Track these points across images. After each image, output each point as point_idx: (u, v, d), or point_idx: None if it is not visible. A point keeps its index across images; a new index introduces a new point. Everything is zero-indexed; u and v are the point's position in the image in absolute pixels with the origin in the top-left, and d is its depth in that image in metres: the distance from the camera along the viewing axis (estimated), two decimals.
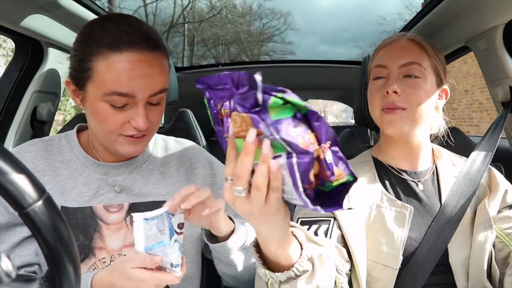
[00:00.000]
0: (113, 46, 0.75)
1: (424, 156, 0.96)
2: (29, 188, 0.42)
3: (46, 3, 1.13)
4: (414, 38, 0.92)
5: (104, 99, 0.77)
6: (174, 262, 0.68)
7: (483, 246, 0.85)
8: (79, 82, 0.80)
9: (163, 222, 0.67)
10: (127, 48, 0.75)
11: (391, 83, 0.88)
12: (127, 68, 0.75)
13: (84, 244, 0.85)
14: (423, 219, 0.91)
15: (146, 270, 0.66)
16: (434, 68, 0.91)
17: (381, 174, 0.96)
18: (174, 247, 0.67)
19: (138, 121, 0.78)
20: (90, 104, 0.80)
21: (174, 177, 0.94)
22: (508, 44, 1.10)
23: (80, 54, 0.79)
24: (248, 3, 12.06)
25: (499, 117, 1.11)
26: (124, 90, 0.75)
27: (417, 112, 0.88)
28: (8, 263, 0.41)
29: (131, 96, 0.76)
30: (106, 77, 0.75)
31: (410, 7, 10.33)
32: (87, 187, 0.87)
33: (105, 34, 0.76)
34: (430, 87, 0.90)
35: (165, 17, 11.28)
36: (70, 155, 0.90)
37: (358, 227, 0.86)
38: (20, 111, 1.32)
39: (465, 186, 0.92)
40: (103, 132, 0.81)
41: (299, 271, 0.60)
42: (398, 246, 0.85)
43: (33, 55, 1.34)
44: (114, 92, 0.75)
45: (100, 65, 0.75)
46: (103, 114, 0.78)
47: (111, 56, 0.75)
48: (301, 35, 15.15)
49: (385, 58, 0.92)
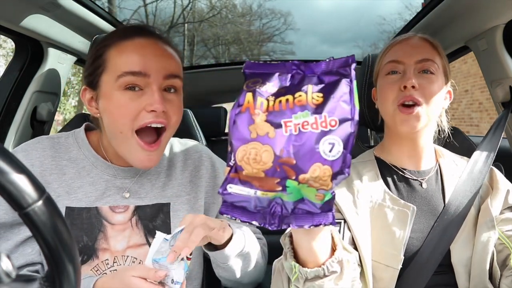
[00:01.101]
0: (124, 35, 0.79)
1: (428, 156, 0.96)
2: (29, 188, 0.42)
3: (46, 3, 1.13)
4: (427, 38, 0.95)
5: (118, 83, 0.77)
6: (176, 278, 0.67)
7: (485, 246, 0.85)
8: (93, 82, 0.81)
9: (175, 240, 0.68)
10: (138, 35, 0.79)
11: (409, 77, 0.88)
12: (138, 48, 0.78)
13: (87, 245, 0.84)
14: (426, 218, 0.91)
15: (145, 282, 0.66)
16: (444, 68, 0.93)
17: (384, 174, 0.96)
18: (179, 264, 0.68)
19: (154, 102, 0.76)
20: (104, 98, 0.80)
21: (179, 179, 0.95)
22: (508, 44, 1.10)
23: (93, 55, 0.81)
24: (248, 3, 12.05)
25: (500, 118, 1.11)
26: (136, 69, 0.76)
27: (431, 108, 0.89)
28: (8, 263, 0.40)
29: (144, 74, 0.77)
30: (118, 61, 0.77)
31: (410, 7, 10.32)
32: (94, 187, 0.87)
33: (115, 31, 0.83)
34: (441, 85, 0.92)
35: (165, 17, 11.28)
36: (77, 154, 0.89)
37: (365, 228, 0.86)
38: (20, 111, 1.32)
39: (468, 186, 0.92)
40: (118, 128, 0.79)
41: (328, 271, 0.61)
42: (399, 246, 0.85)
43: (33, 55, 1.34)
44: (127, 72, 0.76)
45: (112, 53, 0.79)
46: (118, 103, 0.77)
47: (122, 43, 0.78)
48: (301, 35, 15.14)
49: (400, 54, 0.93)
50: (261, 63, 0.53)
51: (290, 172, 0.49)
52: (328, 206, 0.52)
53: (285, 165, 0.48)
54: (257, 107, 0.50)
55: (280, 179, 0.49)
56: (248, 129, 0.49)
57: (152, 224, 0.89)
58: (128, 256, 0.86)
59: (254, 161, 0.49)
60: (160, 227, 0.88)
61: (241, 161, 0.49)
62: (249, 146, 0.49)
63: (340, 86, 0.50)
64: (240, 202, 0.52)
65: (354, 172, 0.96)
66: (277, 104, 0.50)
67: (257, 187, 0.50)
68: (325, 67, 0.52)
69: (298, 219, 0.52)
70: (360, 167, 0.97)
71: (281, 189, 0.50)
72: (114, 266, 0.85)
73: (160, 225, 0.89)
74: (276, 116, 0.49)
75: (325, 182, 0.48)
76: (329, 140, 0.48)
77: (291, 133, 0.48)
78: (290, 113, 0.49)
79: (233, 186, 0.51)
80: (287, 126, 0.49)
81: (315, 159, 0.48)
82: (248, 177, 0.50)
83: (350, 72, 0.51)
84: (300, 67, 0.52)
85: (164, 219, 0.90)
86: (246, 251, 0.86)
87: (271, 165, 0.48)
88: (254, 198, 0.51)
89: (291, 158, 0.48)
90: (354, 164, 1.00)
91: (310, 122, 0.48)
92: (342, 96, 0.49)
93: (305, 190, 0.50)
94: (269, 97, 0.50)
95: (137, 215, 0.88)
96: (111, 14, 1.46)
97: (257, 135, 0.49)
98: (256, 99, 0.50)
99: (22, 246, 0.83)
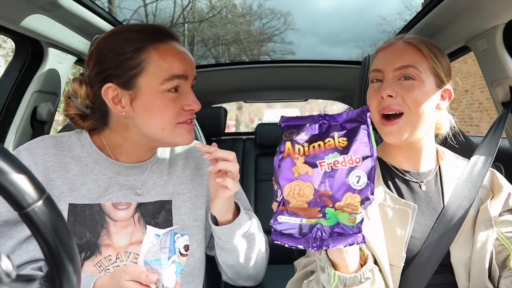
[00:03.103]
0: (159, 39, 0.83)
1: (428, 157, 0.96)
2: (29, 188, 0.42)
3: (46, 3, 1.13)
4: (411, 41, 0.92)
5: (164, 86, 0.82)
6: (165, 283, 0.67)
7: (484, 246, 0.86)
8: (127, 81, 0.82)
9: (166, 240, 0.68)
10: (170, 38, 0.86)
11: (385, 88, 0.88)
12: (177, 53, 0.85)
13: (90, 241, 0.85)
14: (426, 219, 0.91)
15: (139, 285, 0.67)
16: (432, 70, 0.90)
17: (384, 175, 0.96)
18: (170, 268, 0.68)
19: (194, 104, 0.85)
20: (144, 99, 0.82)
21: (180, 176, 0.96)
22: (508, 44, 1.10)
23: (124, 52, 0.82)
24: (248, 3, 12.05)
25: (500, 118, 1.10)
26: (180, 72, 0.83)
27: (415, 115, 0.88)
28: (8, 263, 0.41)
29: (185, 77, 0.85)
30: (162, 64, 0.82)
31: (410, 7, 10.31)
32: (97, 184, 0.88)
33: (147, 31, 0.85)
34: (428, 89, 0.89)
35: (165, 17, 11.27)
36: (80, 152, 0.90)
37: (377, 230, 0.86)
38: (20, 111, 1.32)
39: (467, 188, 0.92)
40: (161, 125, 0.84)
41: (364, 277, 0.71)
42: (401, 245, 0.85)
43: (33, 55, 1.34)
44: (173, 75, 0.82)
45: (153, 55, 0.82)
46: (162, 104, 0.82)
47: (160, 46, 0.83)
48: (301, 35, 15.13)
49: (381, 62, 0.93)
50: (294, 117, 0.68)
51: (328, 201, 0.62)
52: (358, 228, 0.64)
53: (323, 196, 0.62)
54: (295, 152, 0.64)
55: (320, 208, 0.62)
56: (291, 170, 0.63)
57: (154, 221, 0.90)
58: (131, 252, 0.87)
59: (298, 195, 0.62)
60: (162, 224, 0.90)
61: (288, 196, 0.62)
62: (293, 184, 0.62)
63: (360, 131, 0.64)
64: (288, 230, 0.65)
65: None
66: (311, 149, 0.64)
67: (302, 215, 0.63)
68: (346, 117, 0.66)
69: (335, 241, 0.64)
70: None
71: (321, 215, 0.63)
72: (116, 262, 0.86)
73: (162, 222, 0.90)
74: (312, 159, 0.63)
75: (355, 207, 0.61)
76: (356, 174, 0.62)
77: (325, 171, 0.62)
78: (323, 155, 0.63)
79: (283, 217, 0.64)
80: (321, 166, 0.62)
81: (346, 189, 0.61)
82: (294, 208, 0.63)
83: (366, 119, 0.65)
84: (326, 118, 0.67)
85: (166, 216, 0.91)
86: (251, 232, 0.89)
87: (312, 197, 0.62)
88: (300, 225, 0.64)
89: (327, 190, 0.61)
90: None
91: (340, 161, 0.62)
92: (362, 139, 0.64)
93: (341, 215, 0.63)
94: (304, 143, 0.65)
95: (139, 212, 0.89)
96: (111, 14, 1.46)
97: (299, 175, 0.62)
98: (294, 146, 0.64)
99: (26, 243, 0.83)
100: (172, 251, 0.68)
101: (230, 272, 0.95)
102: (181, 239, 0.70)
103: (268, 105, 24.10)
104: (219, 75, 2.33)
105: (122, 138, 0.89)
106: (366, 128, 0.65)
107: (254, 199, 2.51)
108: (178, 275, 0.69)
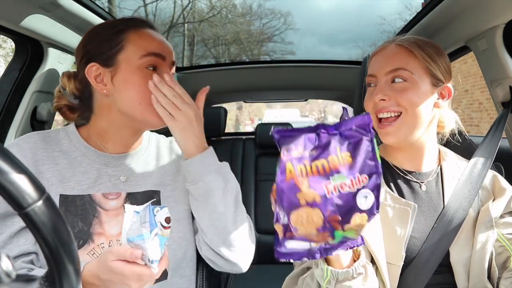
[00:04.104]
0: (138, 24, 0.92)
1: (429, 157, 0.96)
2: (29, 188, 0.42)
3: (46, 3, 1.13)
4: (402, 43, 0.92)
5: (140, 62, 0.88)
6: (151, 257, 0.68)
7: (484, 246, 0.86)
8: (108, 59, 0.89)
9: (146, 215, 0.69)
10: (149, 27, 0.93)
11: (377, 92, 0.90)
12: (155, 35, 0.92)
13: (83, 230, 0.87)
14: (426, 219, 0.91)
15: (126, 263, 0.68)
16: (426, 70, 0.90)
17: (386, 174, 0.96)
18: (153, 242, 0.68)
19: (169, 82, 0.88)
20: (123, 74, 0.88)
21: (166, 169, 1.00)
22: (508, 44, 1.10)
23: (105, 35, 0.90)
24: (248, 3, 12.04)
25: (499, 118, 1.10)
26: (158, 51, 0.89)
27: (412, 115, 0.88)
28: (8, 263, 0.41)
29: (162, 56, 0.90)
30: (140, 42, 0.89)
31: (410, 7, 10.31)
32: (86, 175, 0.91)
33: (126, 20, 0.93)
34: (423, 89, 0.89)
35: (165, 17, 11.26)
36: (69, 146, 0.93)
37: (375, 229, 0.87)
38: (20, 111, 1.32)
39: (467, 189, 0.92)
40: (136, 100, 0.88)
41: (356, 272, 0.72)
42: (400, 244, 0.86)
43: (33, 55, 1.34)
44: (150, 52, 0.88)
45: (132, 35, 0.89)
46: (140, 78, 0.87)
47: (140, 29, 0.91)
48: (301, 35, 15.14)
49: (374, 67, 0.94)
50: (288, 129, 0.63)
51: (337, 225, 0.60)
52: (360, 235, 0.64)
53: (332, 222, 0.60)
54: (298, 175, 0.59)
55: (330, 232, 0.61)
56: (296, 196, 0.59)
57: None
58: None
59: (307, 222, 0.59)
60: None
61: (296, 223, 0.59)
62: (301, 211, 0.59)
63: (363, 145, 0.61)
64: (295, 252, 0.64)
65: None
66: (314, 169, 0.59)
67: (311, 240, 0.62)
68: (345, 126, 0.63)
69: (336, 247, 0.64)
70: None
71: (331, 238, 0.62)
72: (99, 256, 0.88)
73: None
74: (317, 182, 0.59)
75: (363, 226, 0.61)
76: (364, 194, 0.60)
77: (332, 195, 0.59)
78: (328, 176, 0.59)
79: (290, 242, 0.62)
80: (328, 189, 0.59)
81: (355, 211, 0.60)
82: (303, 234, 0.61)
83: (369, 131, 0.62)
84: (323, 126, 0.63)
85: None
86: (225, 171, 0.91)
87: (322, 224, 0.60)
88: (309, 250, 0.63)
89: (336, 216, 0.59)
90: None
91: (347, 183, 0.59)
92: (367, 155, 0.61)
93: (348, 233, 0.62)
94: (305, 161, 0.60)
95: (129, 201, 0.92)
96: (111, 14, 1.46)
97: (305, 202, 0.59)
98: (296, 167, 0.59)
99: (16, 237, 0.84)
100: (154, 224, 0.68)
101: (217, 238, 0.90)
102: (161, 212, 0.70)
103: (268, 105, 24.12)
104: (219, 75, 2.33)
105: (106, 122, 0.93)
106: (370, 142, 0.62)
107: (254, 199, 2.50)
108: (162, 247, 0.69)
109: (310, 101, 18.68)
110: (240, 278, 2.13)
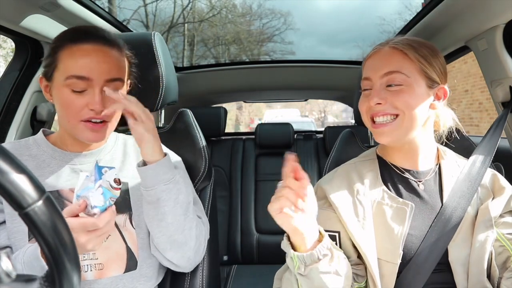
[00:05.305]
0: (73, 39, 0.90)
1: (425, 156, 0.96)
2: (29, 188, 0.42)
3: (46, 3, 1.13)
4: (396, 45, 0.91)
5: (65, 83, 0.88)
6: (93, 203, 0.72)
7: (483, 246, 0.86)
8: (47, 74, 0.92)
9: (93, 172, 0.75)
10: (85, 41, 0.89)
11: (372, 96, 0.90)
12: (84, 55, 0.89)
13: None
14: (424, 217, 0.91)
15: (76, 218, 0.72)
16: (421, 72, 0.89)
17: (383, 173, 0.96)
18: (97, 191, 0.73)
19: (94, 103, 0.88)
20: (55, 92, 0.91)
21: (133, 164, 1.03)
22: (508, 44, 1.10)
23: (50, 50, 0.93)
24: (248, 3, 12.02)
25: (499, 117, 1.10)
26: (81, 74, 0.87)
27: (409, 117, 0.88)
28: (8, 263, 0.41)
29: (87, 78, 0.88)
30: (67, 64, 0.88)
31: (410, 7, 10.29)
32: (54, 174, 0.94)
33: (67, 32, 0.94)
34: (418, 92, 0.89)
35: (165, 17, 11.24)
36: (37, 151, 0.97)
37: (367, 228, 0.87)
38: (20, 111, 1.32)
39: (465, 187, 0.92)
40: (66, 118, 0.91)
41: (321, 254, 0.75)
42: (398, 242, 0.86)
43: (33, 55, 1.34)
44: (73, 75, 0.87)
45: (63, 54, 0.89)
46: (66, 99, 0.89)
47: (73, 46, 0.89)
48: (301, 35, 15.13)
49: (368, 70, 0.93)
50: None
51: None
52: None
53: None
54: None
55: None
56: None
57: None
58: None
59: None
60: (120, 203, 0.94)
61: None
62: None
63: None
64: None
65: (354, 172, 0.97)
66: None
67: None
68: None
69: None
70: (360, 166, 0.98)
71: None
72: None
73: (119, 201, 0.93)
74: None
75: None
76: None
77: None
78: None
79: None
80: None
81: None
82: None
83: None
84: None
85: (124, 196, 0.97)
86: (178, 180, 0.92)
87: None
88: None
89: None
90: (355, 163, 1.01)
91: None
92: None
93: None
94: None
95: None
96: (111, 14, 1.46)
97: None
98: None
99: None
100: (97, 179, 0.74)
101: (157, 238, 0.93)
102: (109, 172, 0.75)
103: (268, 105, 24.09)
104: (219, 75, 2.33)
105: (62, 128, 0.98)
106: None
107: (254, 199, 2.50)
108: (107, 199, 0.74)
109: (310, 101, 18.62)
110: (240, 278, 2.14)
